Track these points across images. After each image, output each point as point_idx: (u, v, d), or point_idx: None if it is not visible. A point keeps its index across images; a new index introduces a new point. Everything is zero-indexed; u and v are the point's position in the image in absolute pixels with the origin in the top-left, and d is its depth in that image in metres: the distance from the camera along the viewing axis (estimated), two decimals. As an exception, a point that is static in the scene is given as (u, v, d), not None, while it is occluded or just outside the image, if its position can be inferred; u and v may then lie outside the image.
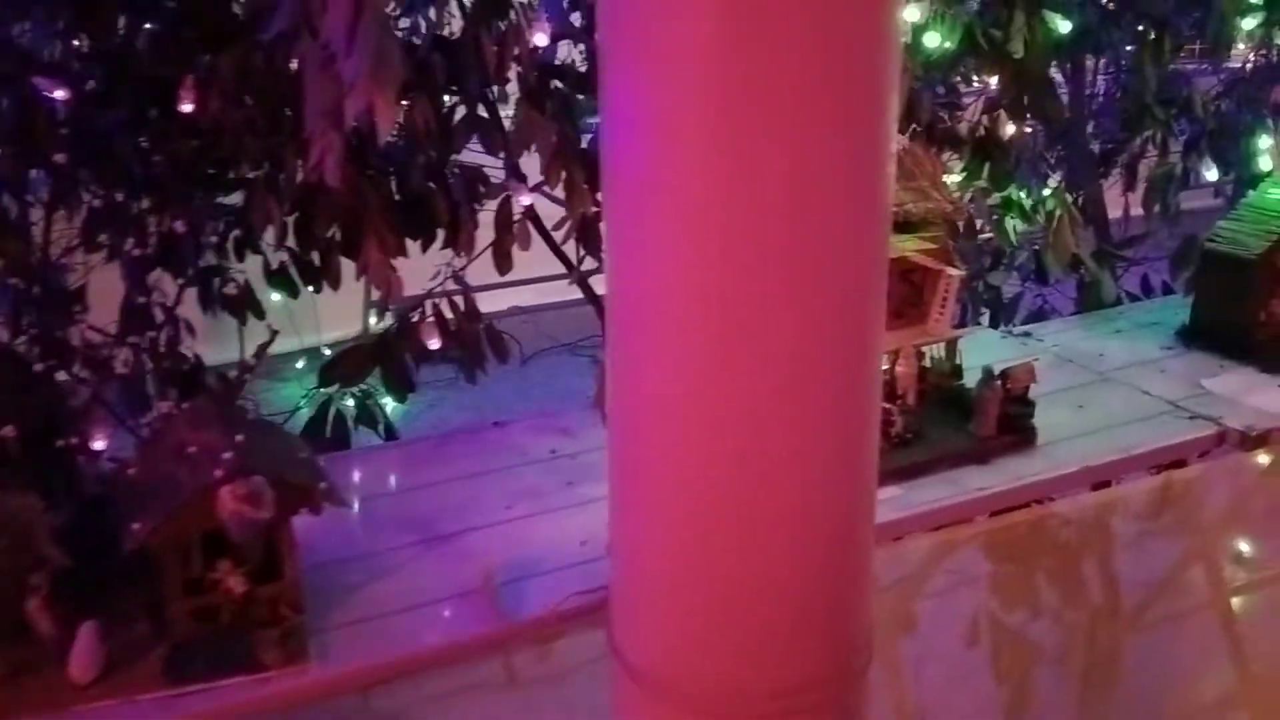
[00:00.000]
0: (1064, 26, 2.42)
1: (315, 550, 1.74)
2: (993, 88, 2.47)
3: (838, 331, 1.01)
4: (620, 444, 1.09)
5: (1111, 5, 2.81)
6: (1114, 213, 3.13)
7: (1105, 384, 2.44)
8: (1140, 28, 2.87)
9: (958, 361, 2.29)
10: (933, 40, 2.42)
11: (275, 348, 1.84)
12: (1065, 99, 3.07)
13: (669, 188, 0.96)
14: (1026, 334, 2.73)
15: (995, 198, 2.69)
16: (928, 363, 2.30)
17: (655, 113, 0.95)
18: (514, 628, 1.66)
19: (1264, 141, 2.86)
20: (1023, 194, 2.57)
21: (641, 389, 1.04)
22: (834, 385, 1.02)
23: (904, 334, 2.24)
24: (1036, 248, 2.72)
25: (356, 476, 2.11)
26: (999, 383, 2.13)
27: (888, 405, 2.09)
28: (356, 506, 1.97)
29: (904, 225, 2.23)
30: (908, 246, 2.20)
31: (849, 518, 1.07)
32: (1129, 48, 2.91)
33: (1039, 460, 2.10)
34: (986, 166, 2.47)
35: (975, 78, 2.50)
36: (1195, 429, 2.23)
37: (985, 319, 2.94)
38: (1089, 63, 3.06)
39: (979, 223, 2.66)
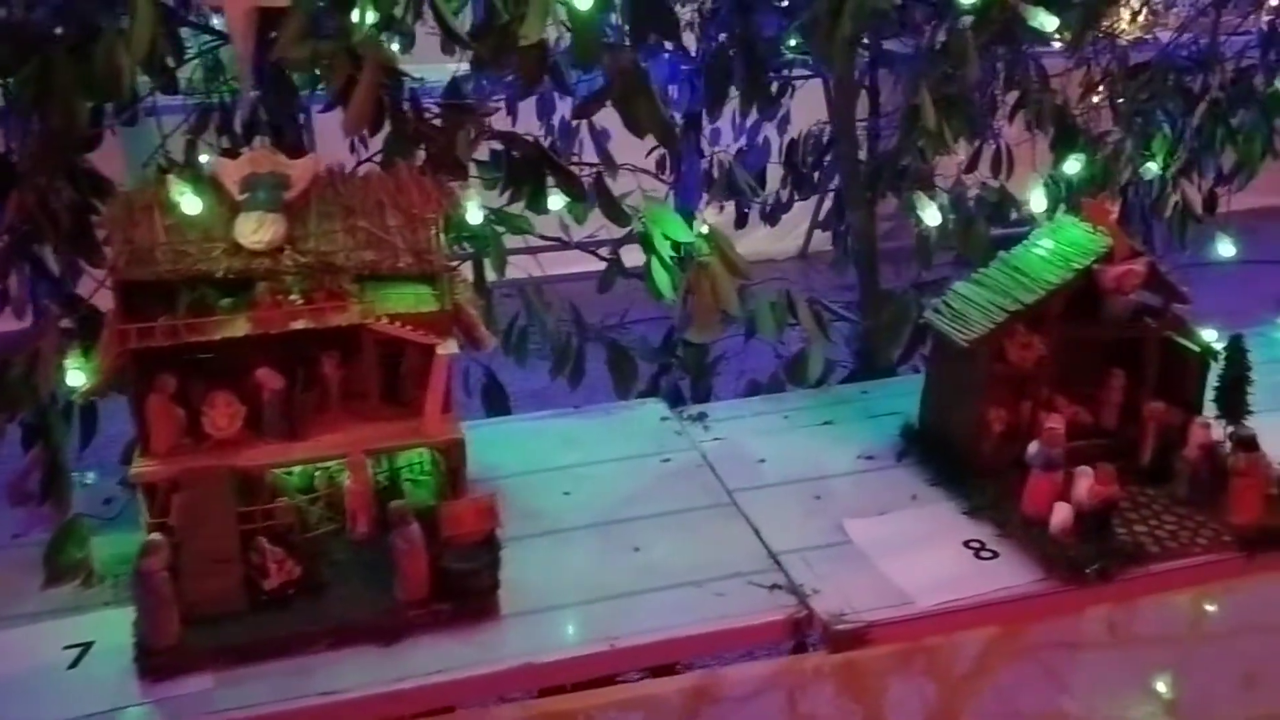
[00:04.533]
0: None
1: None
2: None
3: None
4: None
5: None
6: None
7: (718, 514, 1.72)
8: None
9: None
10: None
11: None
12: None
13: None
14: (701, 416, 2.00)
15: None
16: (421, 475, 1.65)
17: None
18: None
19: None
20: (662, 231, 1.82)
21: None
22: None
23: (368, 432, 1.61)
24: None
25: None
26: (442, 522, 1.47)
27: (274, 546, 1.47)
28: None
29: (387, 278, 1.60)
30: (385, 308, 1.57)
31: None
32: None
33: (465, 648, 1.42)
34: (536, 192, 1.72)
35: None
36: (757, 609, 1.50)
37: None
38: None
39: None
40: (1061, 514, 1.58)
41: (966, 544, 1.62)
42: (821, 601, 1.50)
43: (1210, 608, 1.60)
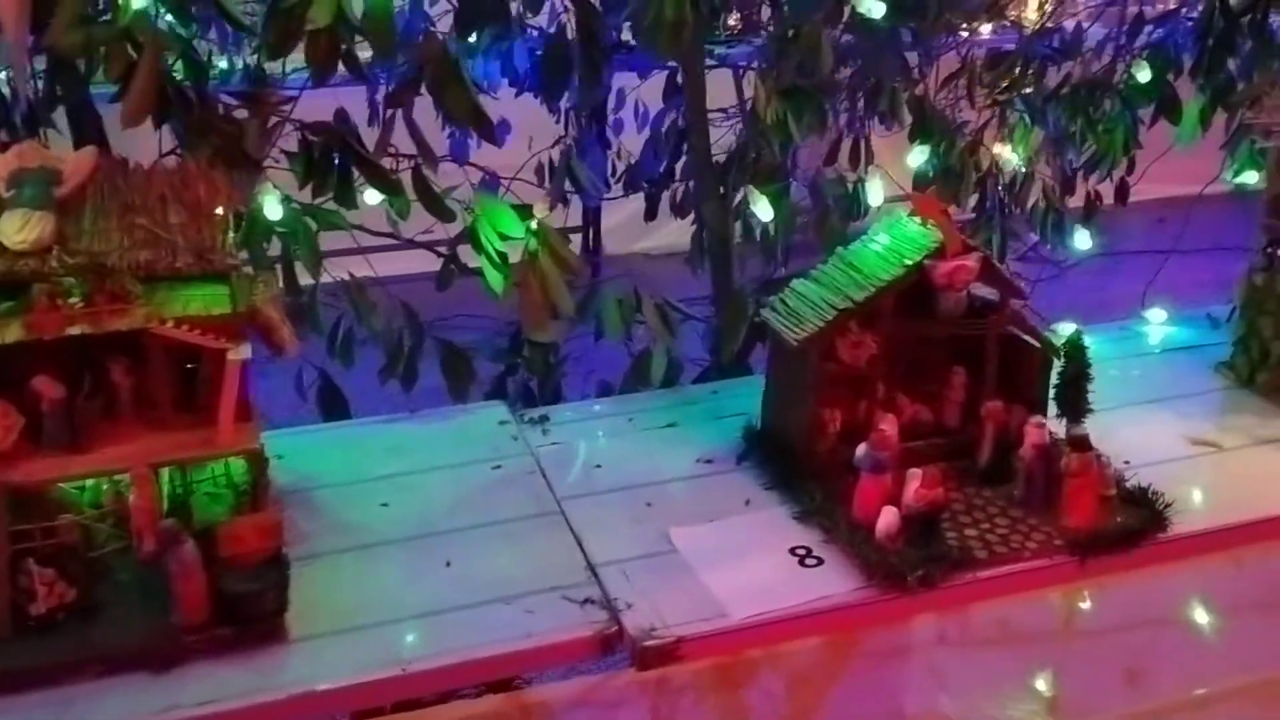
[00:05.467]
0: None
1: None
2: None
3: None
4: None
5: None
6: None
7: (542, 524, 1.64)
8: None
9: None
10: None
11: None
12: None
13: None
14: (543, 419, 1.92)
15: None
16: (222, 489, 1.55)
17: None
18: None
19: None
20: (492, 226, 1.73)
21: None
22: None
23: (157, 444, 1.51)
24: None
25: None
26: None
27: (44, 567, 1.37)
28: None
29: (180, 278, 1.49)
30: (172, 311, 1.46)
31: None
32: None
33: (243, 675, 1.33)
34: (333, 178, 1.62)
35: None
36: (565, 625, 1.42)
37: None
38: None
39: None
40: (887, 518, 1.52)
41: (792, 551, 1.56)
42: (633, 616, 1.42)
43: (1046, 611, 1.55)
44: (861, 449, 1.58)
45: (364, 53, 1.66)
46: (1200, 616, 1.79)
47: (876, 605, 1.47)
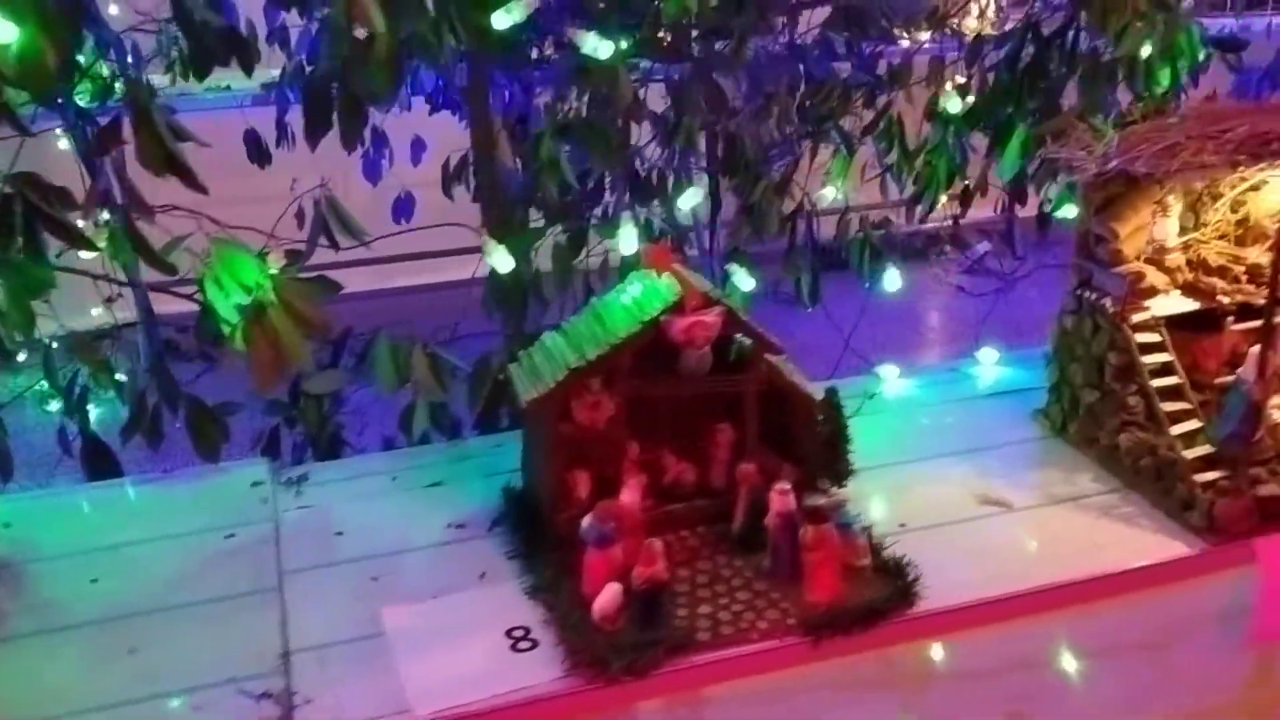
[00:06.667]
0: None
1: None
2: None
3: None
4: None
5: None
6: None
7: (254, 602, 1.52)
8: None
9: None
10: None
11: None
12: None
13: None
14: (301, 479, 1.81)
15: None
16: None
17: None
18: None
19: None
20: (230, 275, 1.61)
21: None
22: None
23: None
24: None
25: None
26: None
27: None
28: None
29: None
30: None
31: None
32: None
33: None
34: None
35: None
36: (231, 725, 1.31)
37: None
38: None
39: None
40: (606, 597, 1.41)
41: (509, 633, 1.44)
42: (309, 713, 1.31)
43: (776, 701, 1.42)
44: (586, 521, 1.46)
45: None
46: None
47: (580, 696, 1.35)
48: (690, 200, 2.01)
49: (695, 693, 1.40)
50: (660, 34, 2.00)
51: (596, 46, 1.64)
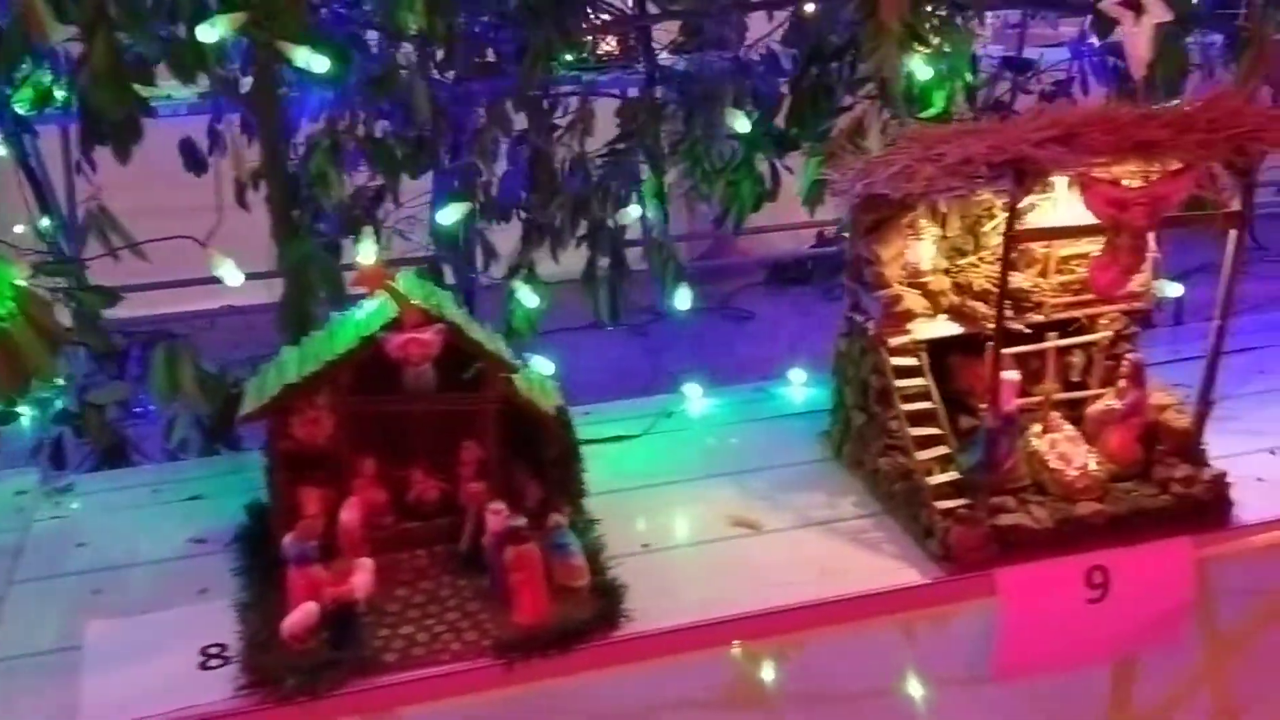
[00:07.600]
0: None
1: None
2: None
3: None
4: None
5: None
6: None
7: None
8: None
9: None
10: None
11: None
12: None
13: None
14: (67, 489, 1.81)
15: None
16: None
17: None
18: None
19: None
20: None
21: None
22: None
23: None
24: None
25: None
26: None
27: None
28: None
29: None
30: None
31: None
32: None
33: None
34: None
35: None
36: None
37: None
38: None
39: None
40: (298, 615, 1.40)
41: (204, 650, 1.43)
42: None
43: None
44: (287, 538, 1.46)
45: None
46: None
47: (256, 715, 1.34)
48: (450, 216, 2.00)
49: (383, 714, 1.39)
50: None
51: (309, 60, 1.63)
